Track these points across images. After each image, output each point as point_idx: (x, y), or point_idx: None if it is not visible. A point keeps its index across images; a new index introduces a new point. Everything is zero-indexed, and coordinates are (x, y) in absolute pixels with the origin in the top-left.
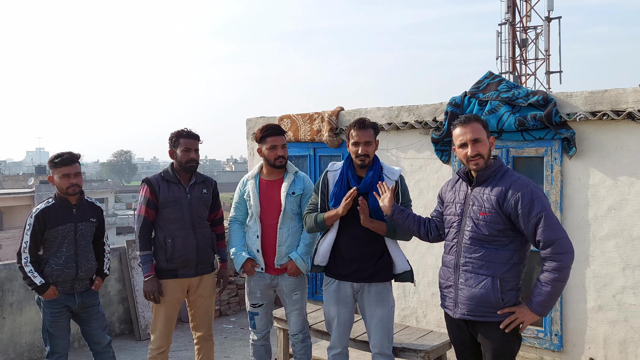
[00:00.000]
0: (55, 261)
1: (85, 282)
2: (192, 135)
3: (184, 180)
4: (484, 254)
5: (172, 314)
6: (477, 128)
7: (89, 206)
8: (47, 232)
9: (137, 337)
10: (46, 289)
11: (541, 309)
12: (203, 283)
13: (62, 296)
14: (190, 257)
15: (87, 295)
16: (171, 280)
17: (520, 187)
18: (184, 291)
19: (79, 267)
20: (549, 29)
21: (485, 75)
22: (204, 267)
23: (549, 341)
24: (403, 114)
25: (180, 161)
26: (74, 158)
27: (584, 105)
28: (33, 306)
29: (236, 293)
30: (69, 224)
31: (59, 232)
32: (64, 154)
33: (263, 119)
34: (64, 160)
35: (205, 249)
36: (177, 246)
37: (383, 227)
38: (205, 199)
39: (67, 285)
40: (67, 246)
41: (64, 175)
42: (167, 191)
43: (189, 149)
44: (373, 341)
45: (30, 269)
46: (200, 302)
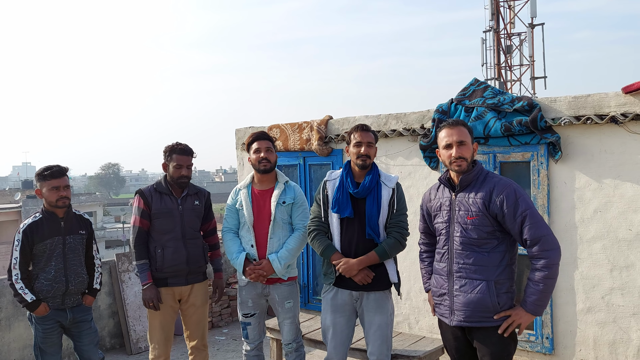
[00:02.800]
0: (45, 276)
1: (77, 297)
2: (184, 152)
3: (176, 192)
4: (476, 258)
5: (167, 322)
6: (463, 132)
7: (77, 219)
8: (35, 247)
9: (128, 352)
10: (37, 306)
11: (536, 308)
12: (195, 292)
13: (53, 312)
14: (180, 268)
15: (78, 311)
16: (162, 288)
17: (503, 187)
18: (176, 300)
19: (68, 282)
20: (532, 35)
21: (471, 82)
22: (195, 277)
23: (540, 344)
24: (391, 121)
25: (172, 176)
26: (62, 171)
27: (568, 110)
28: (22, 322)
29: (228, 304)
30: (57, 238)
31: (47, 246)
32: (52, 166)
33: (252, 129)
34: (53, 173)
35: (196, 259)
36: (167, 257)
37: (375, 258)
38: (197, 210)
39: (58, 300)
40: (56, 260)
41: (53, 188)
42: (159, 202)
43: (181, 166)
44: (371, 348)
45: (21, 286)
46: (193, 310)
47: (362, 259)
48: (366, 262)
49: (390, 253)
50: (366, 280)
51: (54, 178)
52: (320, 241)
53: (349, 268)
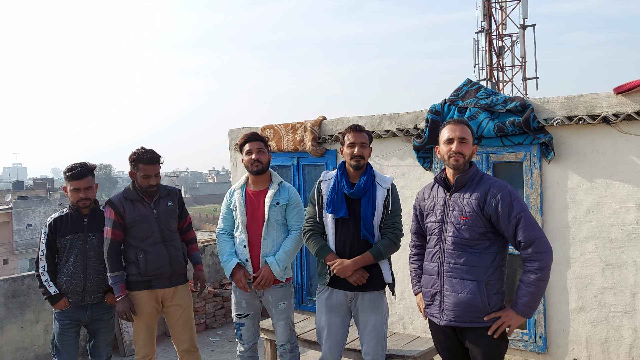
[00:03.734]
0: (65, 272)
1: (98, 295)
2: (151, 161)
3: (147, 197)
4: (468, 258)
5: (151, 322)
6: (466, 130)
7: (102, 216)
8: (58, 242)
9: (122, 353)
10: (59, 300)
11: (527, 310)
12: (179, 293)
13: (72, 308)
14: (163, 270)
15: (97, 309)
16: (146, 291)
17: (498, 189)
18: (159, 302)
19: (87, 279)
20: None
21: (464, 83)
22: (177, 278)
23: (533, 343)
24: (385, 122)
25: (140, 186)
26: (85, 172)
27: (560, 111)
28: (15, 324)
29: (222, 305)
30: (79, 234)
31: (68, 241)
32: (76, 167)
33: (245, 129)
34: (74, 175)
35: (178, 261)
36: (150, 261)
37: (369, 258)
38: (172, 211)
39: (77, 297)
40: (75, 256)
41: (74, 190)
42: (132, 210)
43: (149, 176)
44: (366, 348)
45: (47, 278)
46: (179, 312)
47: (357, 260)
48: (361, 262)
49: (385, 254)
50: (361, 281)
51: (74, 180)
52: (315, 241)
53: (344, 269)
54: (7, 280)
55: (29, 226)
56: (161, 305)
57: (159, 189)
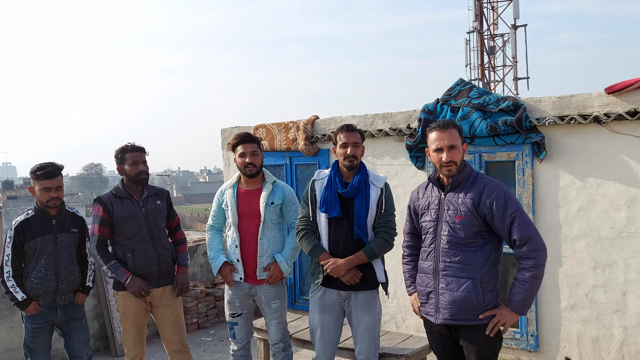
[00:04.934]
0: (35, 274)
1: (69, 295)
2: (136, 149)
3: (136, 195)
4: (463, 257)
5: (140, 322)
6: (454, 135)
7: (69, 217)
8: (27, 245)
9: (113, 354)
10: (28, 304)
11: (521, 308)
12: (167, 293)
13: (44, 310)
14: (151, 269)
15: (70, 309)
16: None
17: (493, 189)
18: (147, 302)
19: (59, 280)
20: (515, 37)
21: (456, 82)
22: (165, 278)
23: (525, 341)
24: (378, 121)
25: (130, 175)
26: (56, 171)
27: (552, 110)
28: (3, 325)
29: (214, 305)
30: (49, 236)
31: (38, 244)
32: (46, 165)
33: (238, 129)
34: (45, 174)
35: (166, 261)
36: (138, 259)
37: (363, 257)
38: (160, 209)
39: (49, 298)
40: (47, 258)
41: (45, 189)
42: (120, 208)
43: (137, 162)
44: (359, 347)
45: (13, 284)
46: (168, 312)
47: (350, 259)
48: (354, 262)
49: (378, 253)
50: (354, 281)
51: (45, 179)
52: (308, 241)
53: (337, 268)
54: None
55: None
56: (150, 305)
57: (148, 179)
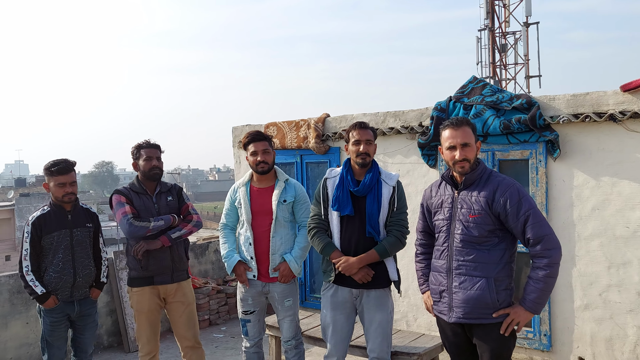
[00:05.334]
0: (53, 269)
1: (85, 290)
2: (152, 145)
3: (150, 191)
4: (477, 255)
5: (154, 318)
6: (468, 132)
7: (84, 212)
8: (43, 239)
9: (126, 349)
10: (47, 298)
11: (535, 306)
12: (181, 289)
13: (62, 304)
14: (165, 264)
15: (85, 304)
16: (148, 287)
17: (507, 187)
18: (162, 298)
19: (76, 274)
20: (527, 34)
21: (469, 80)
22: (179, 274)
23: (538, 341)
24: (389, 119)
25: (144, 170)
26: (69, 167)
27: (566, 108)
28: (18, 321)
29: (225, 302)
30: (64, 230)
31: (54, 238)
32: (60, 162)
33: (249, 127)
34: (60, 170)
35: (179, 256)
36: (152, 253)
37: (375, 256)
38: (171, 205)
39: (67, 293)
40: (63, 252)
41: (60, 184)
42: (138, 200)
43: (151, 157)
44: (371, 345)
45: (32, 278)
46: (182, 309)
47: (362, 257)
48: (366, 260)
49: (390, 251)
50: (366, 279)
51: (60, 174)
52: (320, 239)
53: (349, 266)
54: (13, 276)
55: None
56: (163, 301)
57: (161, 175)
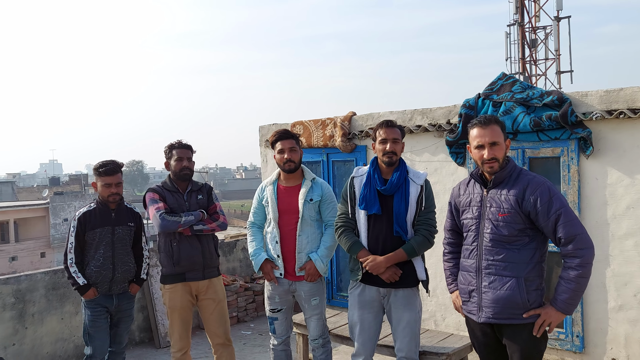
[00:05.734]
0: (94, 263)
1: (123, 285)
2: (183, 146)
3: (181, 189)
4: (507, 255)
5: (186, 315)
6: (496, 131)
7: (127, 211)
8: (87, 234)
9: (157, 345)
10: (87, 289)
11: (567, 307)
12: (213, 286)
13: (101, 297)
14: (196, 260)
15: (123, 298)
16: (180, 284)
17: (537, 185)
18: (193, 295)
19: (115, 270)
20: (558, 29)
21: (498, 77)
22: (211, 271)
23: (570, 342)
24: (416, 117)
25: (174, 171)
26: (116, 169)
27: (599, 104)
28: (55, 316)
29: (253, 299)
30: (107, 227)
31: (97, 234)
32: (108, 163)
33: (275, 126)
34: (107, 171)
35: (210, 253)
36: (183, 250)
37: (402, 255)
38: (201, 203)
39: (105, 286)
40: (104, 248)
41: (106, 185)
42: (171, 198)
43: (182, 158)
44: (399, 345)
45: (75, 270)
46: (213, 306)
47: (389, 257)
48: (394, 259)
49: (418, 251)
50: (393, 278)
51: (107, 175)
52: (347, 238)
53: (376, 266)
54: (48, 272)
55: (64, 220)
56: (195, 298)
57: (191, 175)
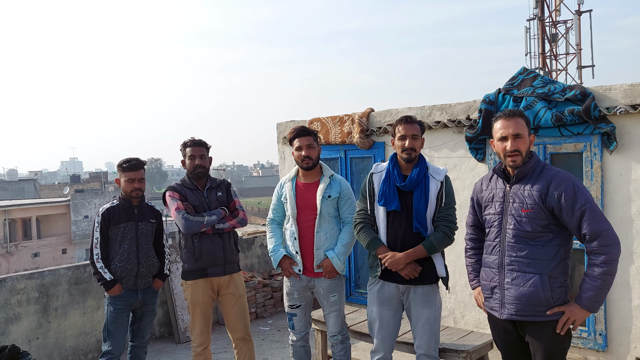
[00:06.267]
0: (119, 258)
1: (148, 279)
2: (196, 143)
3: (200, 186)
4: (530, 251)
5: (207, 311)
6: (520, 124)
7: (148, 208)
8: (111, 230)
9: (177, 340)
10: (113, 285)
11: (592, 305)
12: (233, 281)
13: (126, 292)
14: (217, 256)
15: (148, 292)
16: (202, 280)
17: (561, 180)
18: (215, 290)
19: (140, 264)
20: (579, 23)
21: (519, 72)
22: (231, 266)
23: (593, 341)
24: (435, 112)
25: (188, 169)
26: (139, 165)
27: (623, 99)
28: (77, 310)
29: (271, 295)
30: (131, 223)
31: (121, 229)
32: (131, 159)
33: (293, 123)
34: (130, 166)
35: (230, 248)
36: (204, 245)
37: (422, 252)
38: (221, 200)
39: (131, 281)
40: (129, 243)
41: (129, 180)
42: (192, 195)
43: (194, 156)
44: (419, 342)
45: (101, 265)
46: (234, 301)
47: (409, 253)
48: (413, 256)
49: (438, 247)
50: (413, 275)
51: (130, 170)
52: (366, 234)
53: (396, 262)
54: (71, 268)
55: (85, 217)
56: (217, 293)
57: (206, 172)
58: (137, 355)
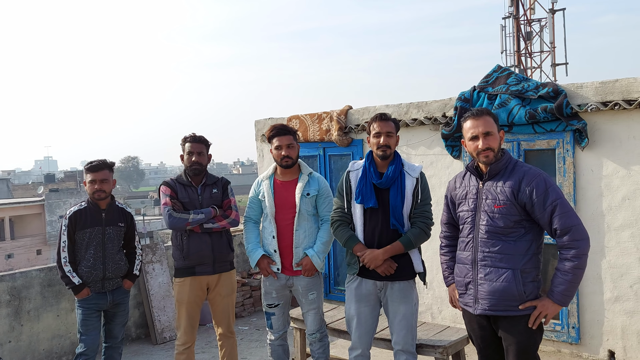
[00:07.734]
0: (85, 263)
1: (116, 281)
2: (195, 139)
3: (195, 183)
4: (502, 246)
5: (193, 311)
6: (489, 121)
7: (118, 211)
8: (77, 234)
9: (154, 341)
10: (81, 289)
11: (563, 299)
12: (222, 281)
13: (94, 295)
14: (205, 254)
15: (117, 293)
16: (190, 278)
17: (533, 177)
18: (204, 289)
19: (106, 269)
20: (553, 21)
21: (494, 69)
22: (221, 265)
23: (566, 334)
24: (412, 110)
25: (185, 164)
26: (100, 165)
27: (594, 96)
28: (50, 313)
29: (250, 295)
30: (97, 228)
31: (87, 234)
32: (95, 160)
33: (271, 120)
34: (91, 167)
35: (220, 247)
36: (192, 243)
37: (399, 247)
38: (215, 197)
39: (98, 285)
40: (95, 248)
41: (91, 181)
42: (183, 192)
43: (192, 152)
44: (396, 338)
45: (69, 269)
46: (219, 299)
47: (387, 249)
48: (391, 252)
49: (415, 243)
50: (389, 271)
51: (91, 172)
52: (343, 232)
53: (374, 258)
54: (44, 269)
55: (60, 217)
56: (206, 292)
57: (203, 169)
58: (111, 357)
